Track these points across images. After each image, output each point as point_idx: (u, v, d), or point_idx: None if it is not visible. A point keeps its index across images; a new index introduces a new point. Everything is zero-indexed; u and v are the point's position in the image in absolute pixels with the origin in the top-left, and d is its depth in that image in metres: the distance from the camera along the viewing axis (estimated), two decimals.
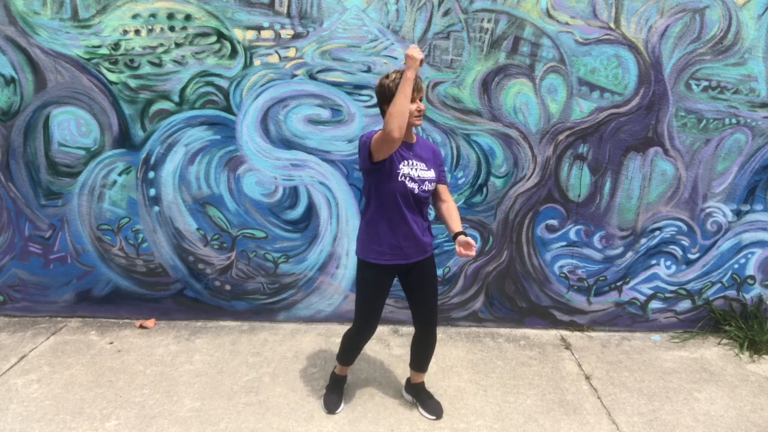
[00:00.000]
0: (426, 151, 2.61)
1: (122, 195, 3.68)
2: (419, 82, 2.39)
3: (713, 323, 3.90)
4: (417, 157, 2.55)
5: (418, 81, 2.38)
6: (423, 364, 2.87)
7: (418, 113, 2.42)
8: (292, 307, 3.91)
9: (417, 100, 2.40)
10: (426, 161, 2.57)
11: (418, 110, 2.42)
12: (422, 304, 2.70)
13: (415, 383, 2.94)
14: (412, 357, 2.87)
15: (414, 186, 2.49)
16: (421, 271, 2.67)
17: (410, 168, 2.50)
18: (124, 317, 3.90)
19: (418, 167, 2.52)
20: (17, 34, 3.41)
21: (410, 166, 2.50)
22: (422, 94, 2.44)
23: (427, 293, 2.69)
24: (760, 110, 3.57)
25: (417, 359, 2.86)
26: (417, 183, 2.50)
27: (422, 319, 2.72)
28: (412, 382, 2.96)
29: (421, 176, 2.52)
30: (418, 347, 2.82)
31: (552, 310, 3.93)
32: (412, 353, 2.87)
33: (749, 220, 3.77)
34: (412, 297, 2.72)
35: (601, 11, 3.41)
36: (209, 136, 3.59)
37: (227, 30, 3.42)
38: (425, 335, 2.76)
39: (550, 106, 3.54)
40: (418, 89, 2.38)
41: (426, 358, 2.85)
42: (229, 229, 3.75)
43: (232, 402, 2.96)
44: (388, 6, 3.40)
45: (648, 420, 2.92)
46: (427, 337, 2.77)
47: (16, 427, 2.71)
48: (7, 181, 3.65)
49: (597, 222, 3.75)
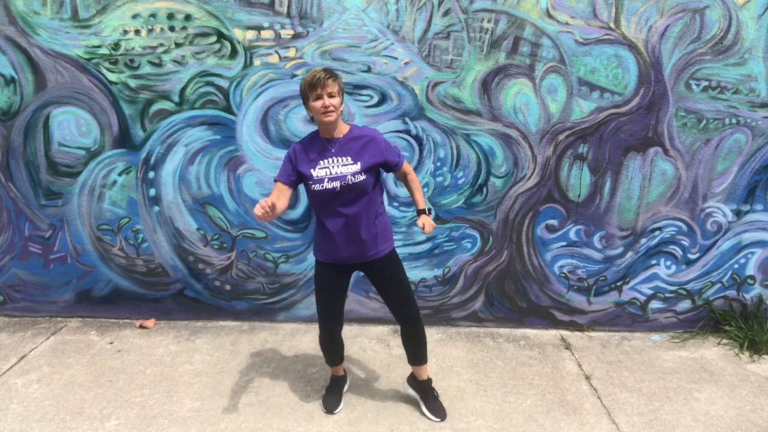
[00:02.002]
0: (354, 143, 2.55)
1: (122, 195, 3.68)
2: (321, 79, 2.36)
3: (713, 323, 3.90)
4: (339, 152, 2.52)
5: (321, 77, 2.36)
6: (418, 357, 2.85)
7: (324, 109, 2.40)
8: (292, 307, 3.91)
9: (324, 96, 2.39)
10: (352, 154, 2.52)
11: (324, 106, 2.39)
12: (391, 303, 2.73)
13: (421, 380, 2.93)
14: (407, 353, 2.88)
15: (335, 185, 2.47)
16: (379, 271, 2.68)
17: (329, 167, 2.49)
18: (124, 317, 3.90)
19: (339, 163, 2.50)
20: (17, 34, 3.41)
21: (330, 165, 2.49)
22: (329, 89, 2.39)
23: (392, 291, 2.70)
24: (760, 110, 3.57)
25: (410, 354, 2.86)
26: (338, 180, 2.47)
27: (398, 314, 2.75)
28: (417, 379, 2.95)
29: (342, 172, 2.48)
30: (406, 342, 2.84)
31: (552, 310, 3.93)
32: (405, 350, 2.87)
33: (749, 220, 3.77)
34: (381, 295, 2.76)
35: (601, 11, 3.41)
36: (209, 136, 3.59)
37: (227, 30, 3.42)
38: (407, 330, 2.78)
39: (550, 106, 3.54)
40: (322, 86, 2.37)
41: (417, 351, 2.83)
42: (229, 229, 3.75)
43: (232, 402, 2.96)
44: (388, 6, 3.40)
45: (648, 420, 2.92)
46: (409, 331, 2.78)
47: (16, 427, 2.71)
48: (7, 181, 3.65)
49: (597, 222, 3.75)
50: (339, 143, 2.54)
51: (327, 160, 2.51)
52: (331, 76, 2.40)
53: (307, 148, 2.56)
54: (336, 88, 2.43)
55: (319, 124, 2.53)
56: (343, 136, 2.56)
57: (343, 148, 2.53)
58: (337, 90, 2.43)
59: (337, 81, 2.43)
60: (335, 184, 2.47)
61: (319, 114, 2.43)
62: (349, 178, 2.48)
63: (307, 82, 2.41)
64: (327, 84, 2.38)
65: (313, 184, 2.49)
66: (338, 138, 2.55)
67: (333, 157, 2.51)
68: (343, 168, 2.49)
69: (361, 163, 2.51)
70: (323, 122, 2.46)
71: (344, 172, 2.49)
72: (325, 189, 2.48)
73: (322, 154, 2.52)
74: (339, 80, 2.46)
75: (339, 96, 2.45)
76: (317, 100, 2.40)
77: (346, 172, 2.48)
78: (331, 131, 2.53)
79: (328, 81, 2.38)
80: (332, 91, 2.41)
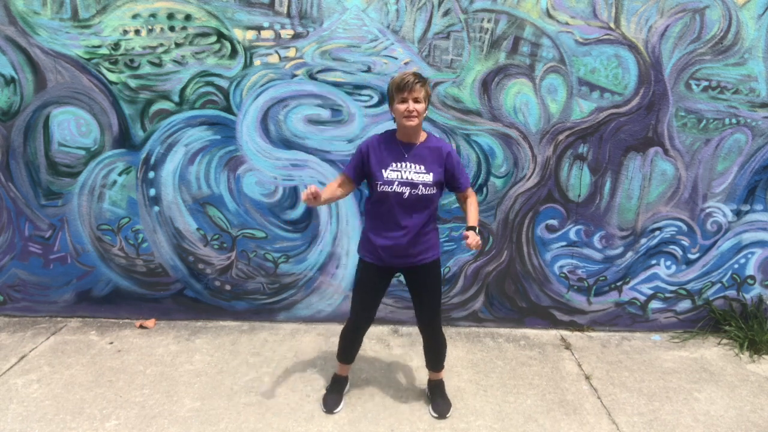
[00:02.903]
0: (429, 153, 2.55)
1: (122, 195, 3.68)
2: (410, 82, 2.35)
3: (713, 323, 3.90)
4: (414, 158, 2.51)
5: (410, 80, 2.36)
6: (431, 364, 2.94)
7: (407, 113, 2.40)
8: (292, 307, 3.91)
9: (409, 100, 2.38)
10: (426, 163, 2.52)
11: (408, 111, 2.39)
12: (418, 307, 2.77)
13: (431, 380, 3.02)
14: (425, 358, 2.96)
15: (404, 189, 2.46)
16: (419, 278, 2.70)
17: (401, 171, 2.48)
18: (124, 317, 3.90)
19: (413, 169, 2.49)
20: (17, 34, 3.41)
21: (402, 169, 2.48)
22: (415, 94, 2.38)
23: (422, 298, 2.73)
24: (760, 110, 3.57)
25: (426, 358, 2.95)
26: (409, 186, 2.47)
27: (419, 319, 2.81)
28: (429, 379, 3.03)
29: (415, 180, 2.48)
30: (424, 347, 2.92)
31: (552, 310, 3.92)
32: (424, 355, 2.95)
33: (749, 220, 3.77)
34: (412, 297, 2.79)
35: (601, 11, 3.41)
36: (209, 136, 3.59)
37: (227, 30, 3.42)
38: (425, 336, 2.86)
39: (550, 106, 3.54)
40: (409, 90, 2.37)
41: (432, 358, 2.92)
42: (229, 229, 3.75)
43: (232, 402, 2.96)
44: (388, 6, 3.40)
45: (648, 420, 2.92)
46: (427, 337, 2.85)
47: (16, 427, 2.71)
48: (7, 181, 3.64)
49: (597, 222, 3.75)
50: (415, 149, 2.53)
51: (400, 163, 2.50)
52: (420, 81, 2.40)
53: (382, 147, 2.54)
54: (422, 94, 2.41)
55: (399, 127, 2.53)
56: (421, 143, 2.55)
57: (418, 155, 2.52)
58: (423, 96, 2.42)
59: (425, 87, 2.43)
60: (404, 189, 2.46)
61: (401, 117, 2.42)
62: (421, 187, 2.47)
63: (395, 83, 2.40)
64: (414, 88, 2.38)
65: (382, 184, 2.48)
66: (415, 144, 2.54)
67: (407, 162, 2.50)
68: (415, 175, 2.48)
69: (433, 174, 2.51)
70: (404, 126, 2.45)
71: (416, 180, 2.48)
72: (394, 192, 2.47)
73: (396, 157, 2.51)
74: (427, 86, 2.46)
75: (424, 102, 2.44)
76: (402, 102, 2.40)
77: (418, 180, 2.48)
78: (410, 135, 2.52)
79: (416, 86, 2.38)
80: (418, 96, 2.40)
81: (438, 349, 2.88)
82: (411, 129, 2.47)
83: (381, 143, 2.56)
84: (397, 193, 2.47)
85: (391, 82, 2.44)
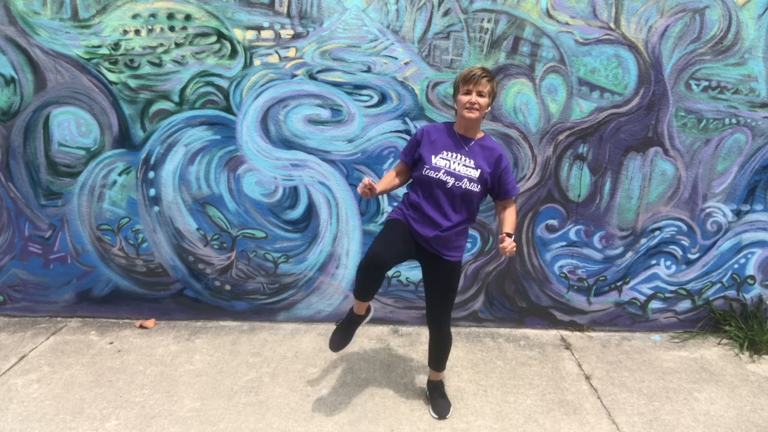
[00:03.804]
0: (482, 150, 2.57)
1: (122, 195, 3.68)
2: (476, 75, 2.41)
3: (713, 323, 3.90)
4: (467, 152, 2.54)
5: (477, 74, 2.41)
6: (434, 363, 2.94)
7: (469, 105, 2.44)
8: (292, 307, 3.91)
9: (473, 92, 2.44)
10: (477, 159, 2.54)
11: (470, 102, 2.44)
12: (430, 301, 2.77)
13: (430, 380, 3.02)
14: (429, 356, 2.97)
15: (449, 179, 2.49)
16: (439, 270, 2.66)
17: (450, 161, 2.51)
18: (124, 317, 3.90)
19: (462, 162, 2.52)
20: (17, 34, 3.41)
21: (451, 159, 2.52)
22: (480, 88, 2.43)
23: (438, 296, 2.72)
24: (760, 110, 3.57)
25: (429, 356, 2.96)
26: (454, 177, 2.49)
27: (429, 312, 2.80)
28: (429, 378, 3.04)
29: (461, 172, 2.50)
30: (429, 345, 2.92)
31: (552, 310, 3.92)
32: (429, 353, 2.96)
33: (749, 220, 3.77)
34: (426, 292, 2.77)
35: (601, 11, 3.41)
36: (209, 136, 3.59)
37: (227, 30, 3.42)
38: (432, 333, 2.85)
39: (550, 106, 3.54)
40: (475, 83, 2.42)
41: (435, 357, 2.92)
42: (229, 229, 3.75)
43: (232, 402, 2.96)
44: (388, 6, 3.40)
45: (648, 420, 2.92)
46: (433, 334, 2.85)
47: (16, 427, 2.71)
48: (7, 181, 3.64)
49: (597, 222, 3.75)
50: (470, 144, 2.56)
51: (452, 153, 2.53)
52: (487, 77, 2.44)
53: (437, 135, 2.58)
54: (488, 89, 2.46)
55: (459, 119, 2.56)
56: (477, 139, 2.58)
57: (471, 150, 2.55)
58: (488, 91, 2.46)
59: (491, 83, 2.47)
60: (449, 179, 2.49)
61: (462, 108, 2.47)
62: (465, 181, 2.49)
63: (463, 75, 2.46)
64: (480, 82, 2.43)
65: (428, 169, 2.50)
66: (471, 138, 2.57)
67: (459, 154, 2.53)
68: (463, 168, 2.51)
69: (481, 171, 2.52)
70: (464, 117, 2.48)
71: (462, 173, 2.50)
72: (438, 179, 2.49)
73: (449, 146, 2.54)
74: (494, 83, 2.49)
75: (488, 97, 2.48)
76: (466, 94, 2.45)
77: (465, 174, 2.50)
78: (467, 128, 2.55)
79: (482, 80, 2.43)
80: (482, 90, 2.45)
81: (441, 347, 2.87)
82: (470, 121, 2.51)
83: (437, 131, 2.61)
84: (441, 180, 2.49)
85: (460, 74, 2.50)
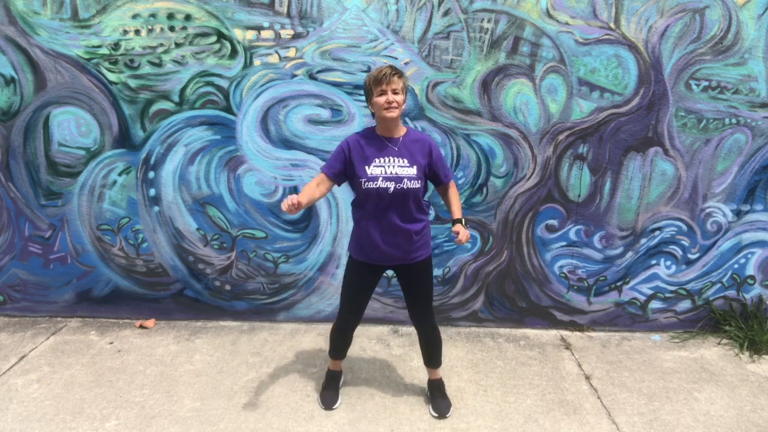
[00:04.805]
0: (412, 145, 2.55)
1: (122, 195, 3.68)
2: (387, 74, 2.38)
3: (713, 323, 3.90)
4: (397, 152, 2.51)
5: (387, 72, 2.38)
6: (429, 360, 2.94)
7: (388, 105, 2.41)
8: (292, 307, 3.91)
9: (388, 92, 2.40)
10: (409, 155, 2.52)
11: (388, 102, 2.40)
12: (412, 305, 2.78)
13: (431, 379, 3.01)
14: (422, 355, 2.96)
15: (389, 185, 2.46)
16: (411, 275, 2.69)
17: (384, 166, 2.48)
18: (124, 317, 3.90)
19: (396, 164, 2.49)
20: (17, 34, 3.41)
21: (386, 164, 2.48)
22: (393, 86, 2.40)
23: (416, 295, 2.73)
24: (760, 110, 3.57)
25: (423, 356, 2.95)
26: (393, 181, 2.46)
27: (414, 316, 2.81)
28: (429, 379, 3.03)
29: (399, 173, 2.48)
30: (421, 344, 2.91)
31: (552, 310, 3.92)
32: (421, 351, 2.95)
33: (749, 220, 3.77)
34: (405, 295, 2.79)
35: (601, 11, 3.41)
36: (209, 136, 3.59)
37: (227, 30, 3.42)
38: (420, 332, 2.87)
39: (550, 106, 3.54)
40: (387, 82, 2.38)
41: (429, 354, 2.91)
42: (229, 229, 3.75)
43: (232, 402, 2.96)
44: (388, 6, 3.40)
45: (648, 420, 2.92)
46: (422, 334, 2.86)
47: (16, 427, 2.71)
48: (7, 181, 3.65)
49: (597, 222, 3.75)
50: (398, 143, 2.53)
51: (384, 158, 2.50)
52: (397, 73, 2.42)
53: (363, 144, 2.54)
54: (400, 86, 2.43)
55: (379, 121, 2.53)
56: (402, 136, 2.56)
57: (401, 149, 2.53)
58: (401, 87, 2.44)
59: (402, 79, 2.44)
60: (389, 185, 2.46)
61: (381, 110, 2.43)
62: (405, 181, 2.47)
63: (372, 77, 2.43)
64: (392, 80, 2.40)
65: (366, 181, 2.47)
66: (397, 138, 2.55)
67: (390, 156, 2.50)
68: (399, 169, 2.48)
69: (417, 167, 2.51)
70: (385, 118, 2.45)
71: (400, 174, 2.48)
72: (378, 188, 2.46)
73: (379, 152, 2.51)
74: (404, 78, 2.47)
75: (402, 94, 2.46)
76: (381, 95, 2.42)
77: (403, 174, 2.48)
78: (390, 129, 2.53)
79: (393, 78, 2.40)
80: (396, 88, 2.42)
81: (433, 342, 2.87)
82: (392, 121, 2.48)
83: (362, 140, 2.56)
84: (382, 188, 2.46)
85: (368, 77, 2.46)
